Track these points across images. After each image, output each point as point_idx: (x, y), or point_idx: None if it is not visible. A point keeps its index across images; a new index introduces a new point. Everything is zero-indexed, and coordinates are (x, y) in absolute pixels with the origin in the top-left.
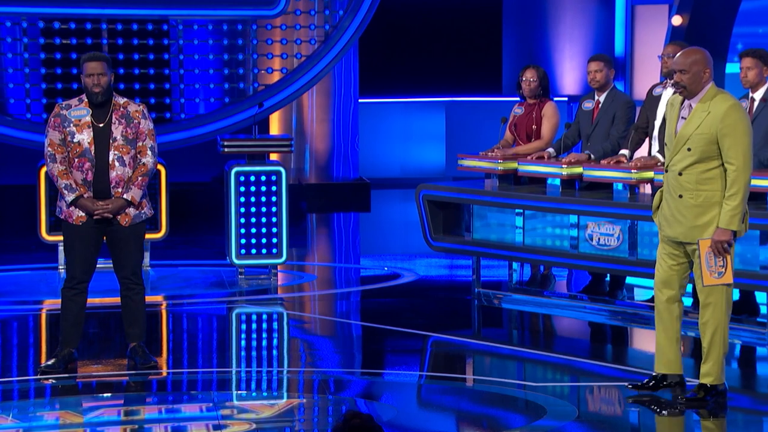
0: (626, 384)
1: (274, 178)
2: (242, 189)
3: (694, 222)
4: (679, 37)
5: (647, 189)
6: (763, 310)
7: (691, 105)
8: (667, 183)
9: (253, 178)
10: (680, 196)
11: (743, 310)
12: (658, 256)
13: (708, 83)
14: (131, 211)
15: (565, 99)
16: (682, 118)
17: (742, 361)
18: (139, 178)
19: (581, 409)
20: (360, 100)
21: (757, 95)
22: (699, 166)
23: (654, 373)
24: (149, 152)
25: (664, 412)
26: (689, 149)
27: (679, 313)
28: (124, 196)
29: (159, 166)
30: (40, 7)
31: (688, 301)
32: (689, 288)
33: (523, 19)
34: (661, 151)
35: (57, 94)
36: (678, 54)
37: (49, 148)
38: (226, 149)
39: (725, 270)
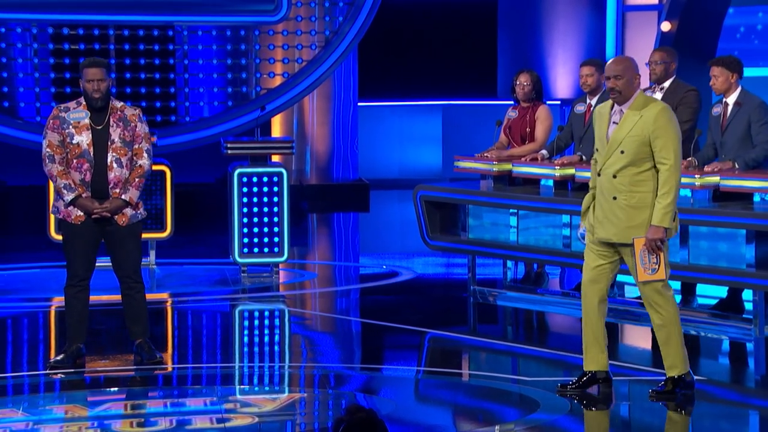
0: (557, 386)
1: (275, 179)
2: (245, 189)
3: (628, 223)
4: (668, 42)
5: None
6: (749, 306)
7: (622, 110)
8: (600, 186)
9: (255, 179)
10: (614, 198)
11: (730, 307)
12: (586, 257)
13: (637, 89)
14: (128, 211)
15: (558, 102)
16: (614, 123)
17: (730, 356)
18: (137, 180)
19: (573, 403)
20: (359, 104)
21: (731, 99)
22: (632, 168)
23: (584, 371)
24: (145, 154)
25: (593, 407)
26: (622, 152)
27: (605, 312)
28: (122, 196)
29: (164, 168)
30: (49, 13)
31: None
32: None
33: (518, 25)
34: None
35: (66, 97)
36: (609, 62)
37: (48, 149)
38: (229, 151)
39: (659, 266)
